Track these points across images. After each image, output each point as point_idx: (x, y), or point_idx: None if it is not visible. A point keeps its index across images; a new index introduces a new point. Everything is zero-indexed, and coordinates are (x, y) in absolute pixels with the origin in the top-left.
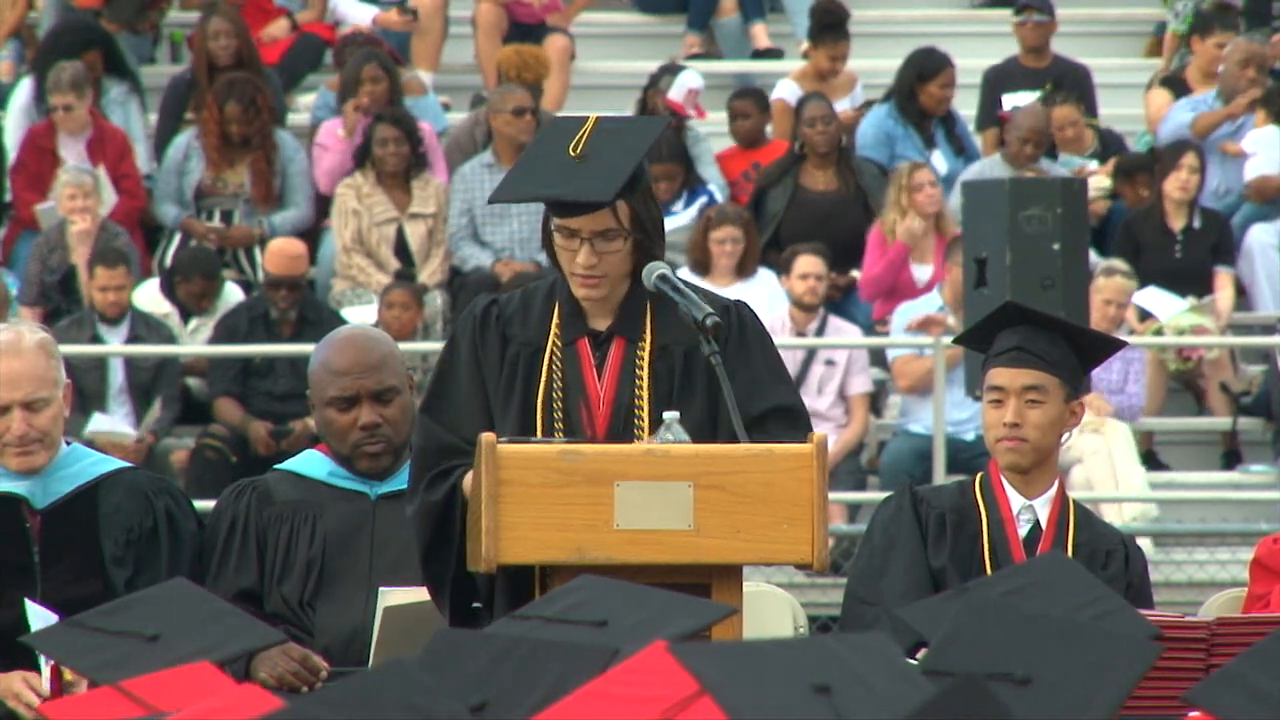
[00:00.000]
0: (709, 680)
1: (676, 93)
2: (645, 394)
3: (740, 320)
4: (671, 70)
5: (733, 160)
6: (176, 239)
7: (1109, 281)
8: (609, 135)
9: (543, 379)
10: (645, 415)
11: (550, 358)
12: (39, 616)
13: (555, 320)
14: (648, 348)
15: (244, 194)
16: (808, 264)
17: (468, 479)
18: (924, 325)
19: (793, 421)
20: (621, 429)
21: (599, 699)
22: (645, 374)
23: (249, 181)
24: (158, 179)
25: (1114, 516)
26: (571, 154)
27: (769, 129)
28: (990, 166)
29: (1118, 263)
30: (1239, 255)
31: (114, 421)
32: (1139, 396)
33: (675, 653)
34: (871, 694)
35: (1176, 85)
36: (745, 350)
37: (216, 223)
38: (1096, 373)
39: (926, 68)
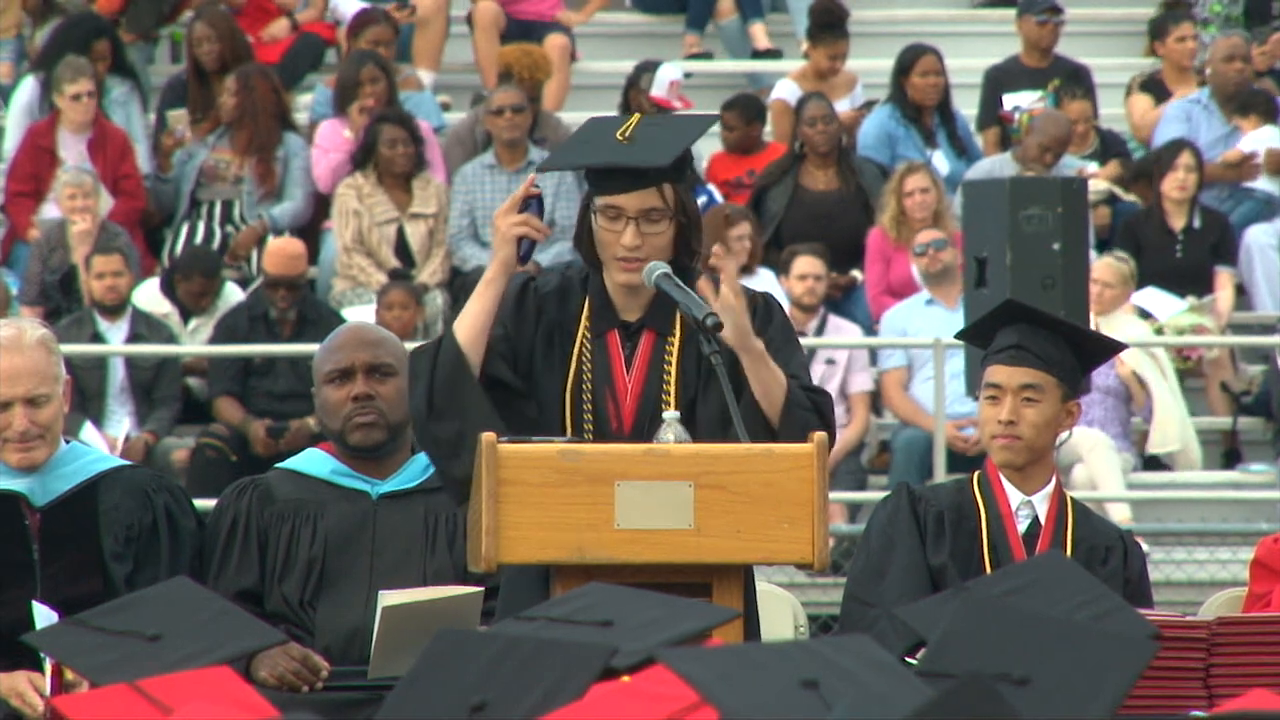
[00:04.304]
0: (698, 681)
1: (659, 88)
2: (673, 388)
3: (768, 306)
4: (649, 67)
5: (726, 163)
6: (183, 233)
7: (1097, 263)
8: (656, 126)
9: (571, 371)
10: (673, 409)
11: (580, 349)
12: (45, 618)
13: (585, 312)
14: (676, 341)
15: (246, 183)
16: (806, 264)
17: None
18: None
19: (809, 388)
20: (648, 423)
21: (603, 706)
22: (674, 368)
23: (251, 167)
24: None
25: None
26: (620, 138)
27: (767, 130)
28: (999, 165)
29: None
30: (1237, 255)
31: (98, 437)
32: None
33: (664, 657)
34: (859, 687)
35: (1155, 88)
36: (772, 326)
37: (216, 213)
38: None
39: (906, 59)
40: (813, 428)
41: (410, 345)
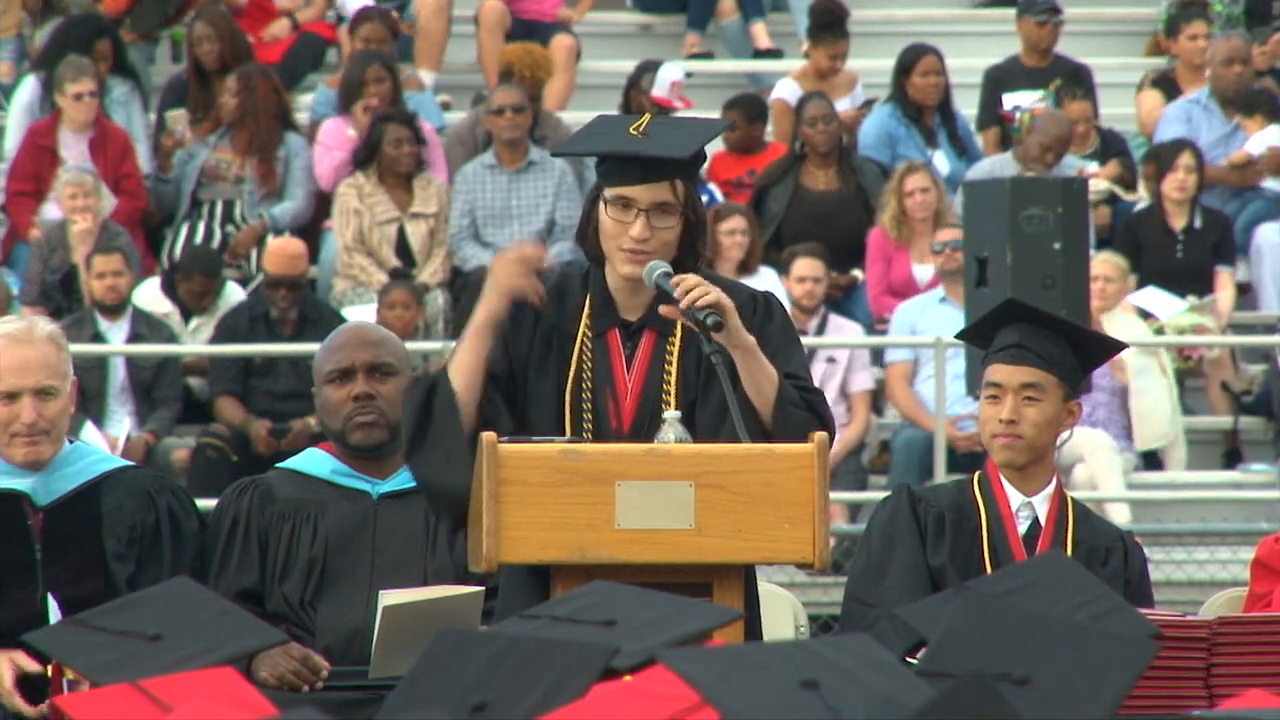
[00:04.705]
0: (698, 681)
1: (660, 89)
2: (673, 388)
3: (768, 304)
4: (650, 67)
5: (727, 163)
6: (183, 233)
7: (1096, 258)
8: (667, 125)
9: (572, 369)
10: (673, 409)
11: (580, 348)
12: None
13: (587, 311)
14: (677, 341)
15: (247, 183)
16: (805, 266)
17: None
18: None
19: (803, 387)
20: (647, 422)
21: (603, 706)
22: (674, 368)
23: (252, 167)
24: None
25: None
26: (633, 133)
27: (769, 130)
28: (1000, 165)
29: None
30: (1246, 254)
31: (99, 436)
32: None
33: (664, 657)
34: (859, 687)
35: (1166, 85)
36: (771, 324)
37: (217, 213)
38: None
39: (907, 59)
40: (806, 425)
41: (411, 345)
